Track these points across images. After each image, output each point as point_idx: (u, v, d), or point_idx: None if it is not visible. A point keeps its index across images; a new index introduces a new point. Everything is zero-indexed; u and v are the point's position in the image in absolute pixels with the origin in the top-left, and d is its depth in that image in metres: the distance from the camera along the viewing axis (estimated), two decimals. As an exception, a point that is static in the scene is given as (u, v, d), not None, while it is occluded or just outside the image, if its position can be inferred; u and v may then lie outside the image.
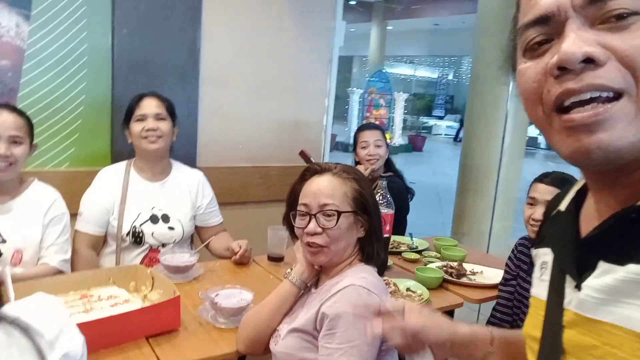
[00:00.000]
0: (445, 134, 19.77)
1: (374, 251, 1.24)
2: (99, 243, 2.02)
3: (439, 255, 2.26)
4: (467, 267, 2.07)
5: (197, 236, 2.21)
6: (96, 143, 2.35)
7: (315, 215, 1.20)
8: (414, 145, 15.44)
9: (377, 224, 1.26)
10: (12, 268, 1.59)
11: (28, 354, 0.65)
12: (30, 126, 1.74)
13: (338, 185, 1.22)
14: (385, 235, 1.93)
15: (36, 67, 2.16)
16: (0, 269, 1.37)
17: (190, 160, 2.44)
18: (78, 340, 0.75)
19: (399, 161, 2.98)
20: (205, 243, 2.10)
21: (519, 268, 1.84)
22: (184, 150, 2.39)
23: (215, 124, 2.63)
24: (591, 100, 0.50)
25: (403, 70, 22.89)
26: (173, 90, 2.50)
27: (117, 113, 2.36)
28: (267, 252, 2.06)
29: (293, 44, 2.86)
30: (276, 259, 2.03)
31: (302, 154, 2.44)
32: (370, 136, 2.55)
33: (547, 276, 0.66)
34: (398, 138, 14.94)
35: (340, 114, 14.97)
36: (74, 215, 2.21)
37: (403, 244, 2.38)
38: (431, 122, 20.96)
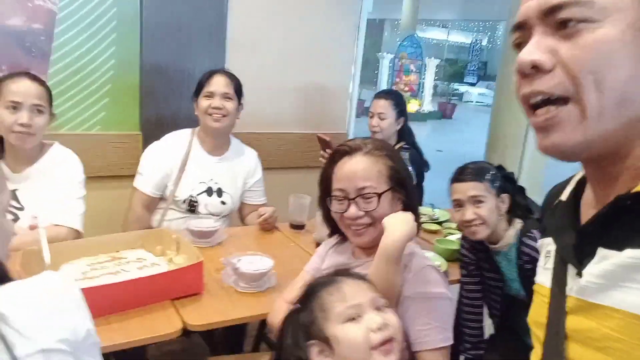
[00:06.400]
0: (477, 102, 19.32)
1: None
2: (154, 204, 2.10)
3: (460, 227, 2.27)
4: (488, 240, 2.07)
5: (237, 211, 2.26)
6: (125, 107, 2.41)
7: (354, 199, 1.17)
8: (444, 112, 15.16)
9: (413, 196, 1.23)
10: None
11: None
12: (50, 95, 1.73)
13: (371, 165, 1.17)
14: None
15: (67, 30, 2.20)
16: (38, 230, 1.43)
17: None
18: (67, 332, 0.69)
19: (426, 128, 2.89)
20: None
21: (479, 259, 1.69)
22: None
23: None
24: (548, 101, 0.56)
25: (435, 34, 22.27)
26: (199, 54, 2.52)
27: (145, 78, 2.40)
28: (288, 220, 2.11)
29: (320, 8, 2.82)
30: (297, 227, 2.07)
31: (319, 139, 2.42)
32: (376, 107, 2.49)
33: (550, 264, 0.69)
34: (427, 105, 14.69)
35: (370, 79, 14.76)
36: (102, 178, 2.30)
37: (424, 214, 2.39)
38: (463, 88, 20.50)
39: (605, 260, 0.56)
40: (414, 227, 1.12)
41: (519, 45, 0.60)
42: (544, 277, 0.70)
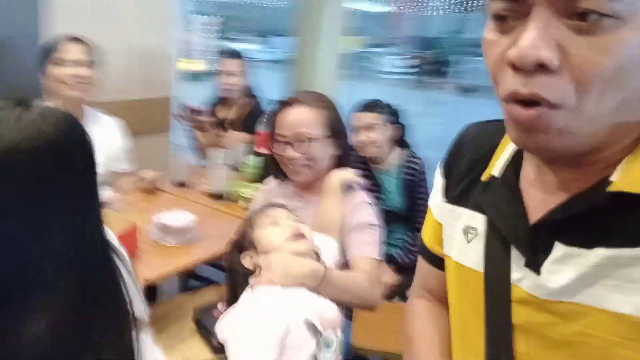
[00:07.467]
0: (257, 58, 19.69)
1: (348, 162, 1.47)
2: None
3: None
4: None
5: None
6: None
7: (291, 143, 1.36)
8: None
9: (345, 144, 1.47)
10: None
11: None
12: None
13: (308, 113, 1.37)
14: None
15: None
16: None
17: (36, 96, 2.25)
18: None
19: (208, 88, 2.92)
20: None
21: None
22: (24, 84, 2.09)
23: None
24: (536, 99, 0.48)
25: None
26: (10, 17, 2.30)
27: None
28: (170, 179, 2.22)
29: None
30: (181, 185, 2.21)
31: (190, 110, 2.56)
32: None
33: (478, 245, 0.64)
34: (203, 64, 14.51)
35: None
36: None
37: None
38: (241, 46, 20.67)
39: (571, 258, 0.53)
40: (352, 173, 1.41)
41: (503, 18, 0.49)
42: (466, 256, 0.65)
